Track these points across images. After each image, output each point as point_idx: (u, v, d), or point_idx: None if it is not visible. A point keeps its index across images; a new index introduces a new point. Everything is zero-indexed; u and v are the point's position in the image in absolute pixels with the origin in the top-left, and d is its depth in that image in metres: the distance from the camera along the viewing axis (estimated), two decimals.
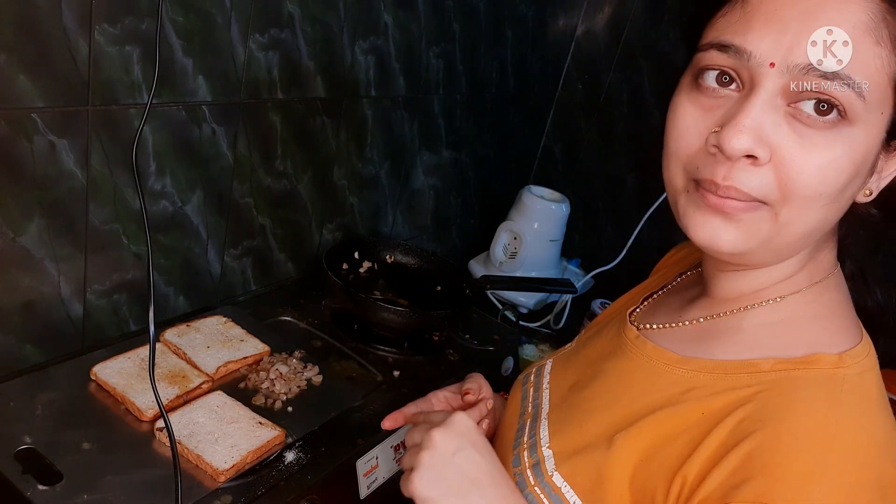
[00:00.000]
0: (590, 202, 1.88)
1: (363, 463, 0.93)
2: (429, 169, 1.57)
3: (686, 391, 0.58)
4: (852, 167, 0.50)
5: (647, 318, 0.70)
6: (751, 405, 0.53)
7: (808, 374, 0.53)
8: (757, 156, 0.50)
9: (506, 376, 1.30)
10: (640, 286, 0.82)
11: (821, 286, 0.59)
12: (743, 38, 0.50)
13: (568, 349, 0.81)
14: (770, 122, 0.50)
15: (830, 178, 0.49)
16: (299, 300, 1.24)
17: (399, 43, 1.30)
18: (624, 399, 0.62)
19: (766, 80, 0.49)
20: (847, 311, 0.59)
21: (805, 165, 0.49)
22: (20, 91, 0.79)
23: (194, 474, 0.80)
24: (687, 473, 0.53)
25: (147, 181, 0.98)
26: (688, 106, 0.55)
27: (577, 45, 1.83)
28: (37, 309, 0.92)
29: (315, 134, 1.22)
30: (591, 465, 0.60)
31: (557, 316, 1.66)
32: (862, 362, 0.54)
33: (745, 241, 0.53)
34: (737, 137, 0.49)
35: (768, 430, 0.51)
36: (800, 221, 0.52)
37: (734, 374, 0.56)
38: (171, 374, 0.94)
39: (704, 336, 0.62)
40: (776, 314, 0.59)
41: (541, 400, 0.72)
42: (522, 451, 0.67)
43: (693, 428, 0.55)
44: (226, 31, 0.98)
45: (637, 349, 0.65)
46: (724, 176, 0.51)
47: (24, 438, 0.79)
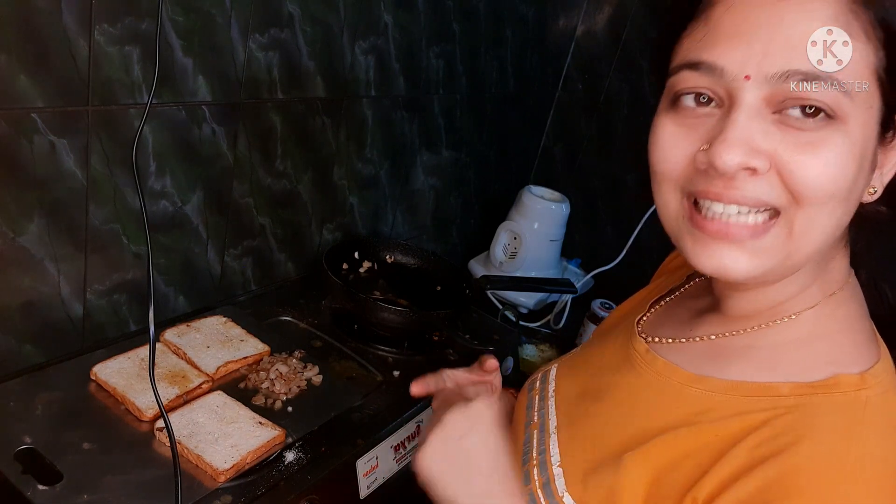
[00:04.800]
0: (590, 202, 1.88)
1: (363, 463, 0.93)
2: (429, 169, 1.57)
3: (700, 412, 0.56)
4: (854, 163, 0.48)
5: (655, 329, 0.68)
6: (767, 429, 0.51)
7: (828, 400, 0.51)
8: (755, 167, 0.48)
9: (506, 376, 1.30)
10: (645, 290, 0.80)
11: (836, 299, 0.57)
12: (711, 53, 0.49)
13: (573, 354, 0.79)
14: (759, 132, 0.48)
15: (839, 175, 0.47)
16: (299, 300, 1.24)
17: (399, 43, 1.30)
18: (635, 417, 0.60)
19: (744, 93, 0.48)
20: (864, 324, 0.57)
21: (811, 166, 0.47)
22: (20, 91, 0.79)
23: (194, 474, 0.80)
24: (697, 495, 0.51)
25: (147, 181, 0.98)
26: (669, 125, 0.53)
27: (577, 45, 1.83)
28: (37, 309, 0.92)
29: (315, 134, 1.22)
30: (602, 485, 0.58)
31: (557, 316, 1.66)
32: (884, 380, 0.52)
33: (759, 263, 0.51)
34: (728, 152, 0.47)
35: (788, 456, 0.48)
36: (817, 227, 0.49)
37: (751, 398, 0.53)
38: (171, 374, 0.94)
39: (717, 354, 0.60)
40: (792, 332, 0.56)
41: (547, 409, 0.70)
42: (532, 468, 0.65)
43: (705, 449, 0.53)
44: (226, 31, 0.98)
45: (647, 364, 0.63)
46: (725, 185, 0.49)
47: (24, 438, 0.79)
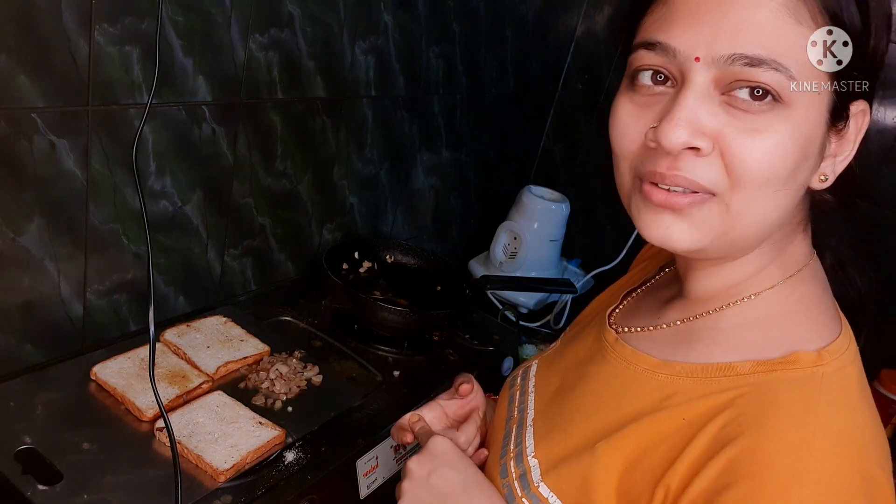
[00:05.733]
0: (590, 202, 1.88)
1: (363, 463, 0.93)
2: (429, 169, 1.57)
3: (667, 397, 0.57)
4: (797, 149, 0.50)
5: (626, 320, 0.69)
6: (731, 410, 0.52)
7: (786, 375, 0.52)
8: (698, 146, 0.50)
9: (506, 376, 1.30)
10: (621, 281, 0.81)
11: (795, 280, 0.58)
12: (667, 34, 0.51)
13: (552, 349, 0.80)
14: (706, 112, 0.50)
15: (777, 161, 0.49)
16: (299, 300, 1.24)
17: (399, 43, 1.30)
18: (606, 406, 0.62)
19: (694, 74, 0.50)
20: (824, 303, 0.58)
21: (751, 150, 0.49)
22: (20, 91, 0.79)
23: (194, 474, 0.80)
24: (670, 482, 0.52)
25: (147, 181, 0.98)
26: (626, 105, 0.55)
27: (577, 45, 1.83)
28: (37, 309, 0.92)
29: (315, 134, 1.22)
30: (576, 474, 0.59)
31: (557, 316, 1.66)
32: (841, 357, 0.53)
33: (699, 236, 0.53)
34: (673, 131, 0.49)
35: (748, 435, 0.50)
36: (752, 209, 0.51)
37: (713, 378, 0.55)
38: (171, 374, 0.94)
39: (682, 338, 0.61)
40: (752, 313, 0.58)
41: (526, 404, 0.72)
42: (509, 460, 0.66)
43: (674, 435, 0.54)
44: (226, 31, 0.98)
45: (616, 353, 0.64)
46: (668, 166, 0.51)
47: (24, 438, 0.79)
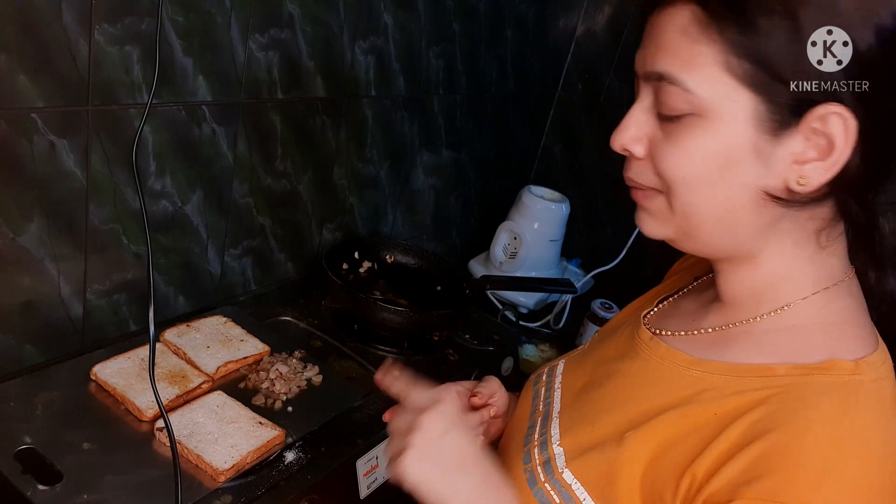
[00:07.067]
0: (590, 202, 1.88)
1: (363, 463, 0.93)
2: (429, 169, 1.57)
3: (699, 392, 0.58)
4: (717, 154, 0.53)
5: (661, 322, 0.70)
6: (764, 407, 0.53)
7: (823, 380, 0.54)
8: (632, 151, 0.58)
9: (506, 376, 1.30)
10: (655, 289, 0.82)
11: (830, 293, 0.58)
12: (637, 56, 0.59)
13: (581, 350, 0.81)
14: (643, 122, 0.58)
15: (687, 165, 0.55)
16: (299, 300, 1.24)
17: (399, 43, 1.30)
18: (636, 398, 0.63)
19: (639, 89, 0.58)
20: (861, 318, 0.59)
21: (668, 155, 0.56)
22: (20, 91, 0.79)
23: (194, 474, 0.80)
24: (696, 471, 0.53)
25: (147, 181, 0.98)
26: None
27: (577, 45, 1.83)
28: (37, 309, 0.92)
29: (315, 134, 1.22)
30: (602, 462, 0.60)
31: (557, 316, 1.66)
32: (878, 370, 0.54)
33: (659, 225, 0.60)
34: (614, 137, 0.59)
35: (782, 430, 0.51)
36: (691, 205, 0.56)
37: (748, 377, 0.56)
38: (171, 374, 0.94)
39: (718, 341, 0.62)
40: (788, 321, 0.59)
41: (552, 399, 0.73)
42: (533, 448, 0.67)
43: (704, 428, 0.55)
44: (226, 31, 0.98)
45: (651, 350, 0.66)
46: (626, 169, 0.61)
47: (24, 438, 0.79)
